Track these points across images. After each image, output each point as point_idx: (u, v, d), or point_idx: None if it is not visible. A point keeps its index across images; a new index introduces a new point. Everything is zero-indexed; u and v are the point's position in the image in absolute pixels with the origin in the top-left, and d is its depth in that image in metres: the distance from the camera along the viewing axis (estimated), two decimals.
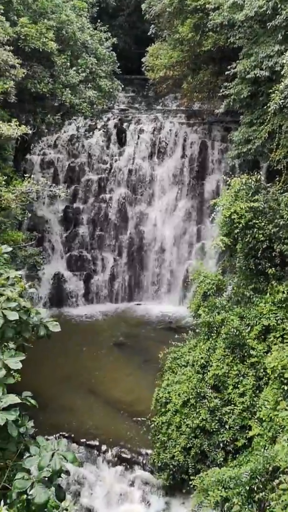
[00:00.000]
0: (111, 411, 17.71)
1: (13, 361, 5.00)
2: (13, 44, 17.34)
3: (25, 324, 5.55)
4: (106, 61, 21.57)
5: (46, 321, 5.79)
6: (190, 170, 26.19)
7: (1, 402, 4.59)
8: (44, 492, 4.35)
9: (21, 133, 12.66)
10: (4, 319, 5.25)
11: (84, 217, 26.96)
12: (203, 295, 16.31)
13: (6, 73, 15.56)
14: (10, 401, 4.62)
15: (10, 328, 5.34)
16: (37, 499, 4.33)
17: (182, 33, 19.38)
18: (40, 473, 4.47)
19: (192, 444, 13.84)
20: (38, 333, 5.69)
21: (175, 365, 15.83)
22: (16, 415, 4.64)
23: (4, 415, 4.48)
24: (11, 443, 4.82)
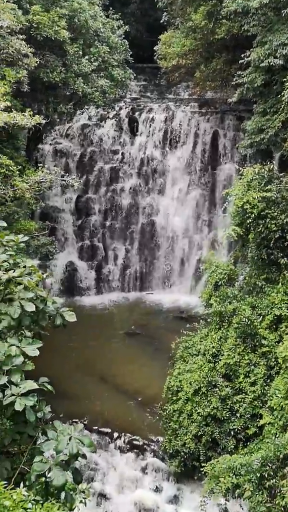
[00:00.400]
0: (123, 399, 17.93)
1: (31, 349, 5.12)
2: (25, 33, 17.32)
3: (42, 313, 5.66)
4: (118, 50, 21.44)
5: (62, 311, 5.89)
6: (202, 160, 26.03)
7: (20, 388, 4.71)
8: (62, 474, 4.49)
9: (35, 123, 12.69)
10: (22, 309, 5.36)
11: (96, 206, 27.00)
12: (215, 284, 16.34)
13: (19, 62, 15.57)
14: (29, 387, 4.74)
15: (27, 316, 5.45)
16: (55, 481, 4.47)
17: (195, 21, 19.15)
18: (57, 456, 4.61)
19: (203, 432, 14.00)
20: (55, 322, 5.80)
21: (187, 354, 15.96)
22: (34, 400, 4.77)
23: (22, 401, 4.61)
24: (28, 427, 4.95)
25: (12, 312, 5.32)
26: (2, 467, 4.82)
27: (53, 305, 5.85)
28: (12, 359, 4.94)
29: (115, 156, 27.17)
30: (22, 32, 16.94)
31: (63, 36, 18.22)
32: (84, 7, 19.43)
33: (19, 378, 4.87)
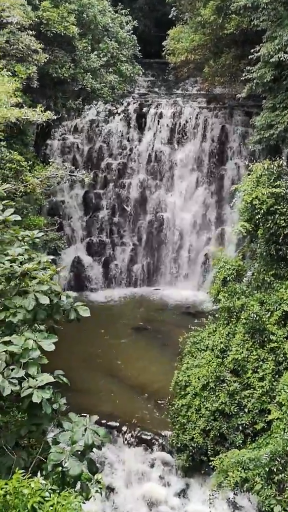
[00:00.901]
0: (131, 394, 18.03)
1: (47, 343, 5.20)
2: (34, 29, 17.37)
3: (56, 307, 5.73)
4: (127, 45, 21.42)
5: (76, 305, 5.96)
6: (210, 155, 25.98)
7: (37, 380, 4.80)
8: (78, 465, 4.57)
9: (46, 119, 12.75)
10: (36, 302, 5.43)
11: (104, 202, 27.07)
12: (223, 280, 16.35)
13: (29, 58, 15.62)
14: (46, 380, 4.82)
15: (42, 310, 5.52)
16: (71, 471, 4.55)
17: (204, 16, 19.06)
18: (73, 447, 4.69)
19: (211, 427, 14.07)
20: (69, 316, 5.87)
21: (195, 349, 16.01)
22: (50, 393, 4.85)
23: (40, 393, 4.69)
24: (44, 419, 5.04)
25: (27, 304, 5.40)
26: (19, 457, 4.92)
27: (67, 299, 5.92)
28: (28, 352, 5.03)
29: (123, 152, 27.20)
30: (31, 28, 16.99)
31: (72, 32, 18.24)
32: (93, 3, 19.43)
33: (35, 371, 4.96)
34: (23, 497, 4.03)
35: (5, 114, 10.99)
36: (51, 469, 4.64)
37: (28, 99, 17.60)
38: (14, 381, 4.78)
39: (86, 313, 5.90)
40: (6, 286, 5.68)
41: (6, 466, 4.85)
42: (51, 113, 12.97)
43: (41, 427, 5.09)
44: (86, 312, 5.91)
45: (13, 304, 5.50)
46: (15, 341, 5.12)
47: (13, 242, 6.16)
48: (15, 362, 5.01)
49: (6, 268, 5.64)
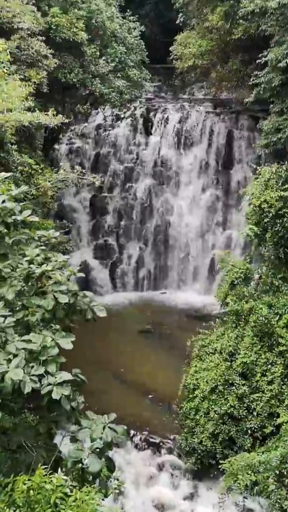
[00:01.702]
0: (138, 397, 18.04)
1: (65, 341, 5.26)
2: (44, 34, 17.55)
3: (73, 307, 5.80)
4: (134, 50, 21.61)
5: (93, 305, 6.03)
6: (217, 160, 26.06)
7: (56, 378, 4.86)
8: (97, 462, 4.62)
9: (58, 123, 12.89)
10: (56, 301, 5.50)
11: (110, 206, 27.20)
12: (231, 283, 16.39)
13: (39, 63, 15.79)
14: (65, 377, 4.88)
15: (61, 309, 5.59)
16: (91, 468, 4.60)
17: (212, 21, 19.22)
18: (92, 444, 4.74)
19: (220, 430, 14.05)
20: (86, 316, 5.93)
21: (203, 352, 16.01)
22: (70, 390, 4.90)
23: (59, 390, 4.75)
24: (63, 416, 5.09)
25: (46, 304, 5.47)
26: (38, 454, 4.97)
27: (84, 299, 5.98)
28: (47, 350, 5.09)
29: (130, 156, 27.33)
30: (41, 33, 17.18)
31: (81, 38, 18.43)
32: (102, 9, 19.63)
33: (54, 369, 5.02)
34: (46, 492, 4.08)
35: (18, 118, 11.13)
36: (70, 466, 4.69)
37: (38, 103, 17.76)
38: (35, 378, 4.85)
39: (102, 313, 5.97)
40: (24, 286, 5.76)
41: (26, 463, 4.91)
42: (63, 117, 13.10)
43: (60, 424, 5.14)
44: (103, 312, 5.98)
45: (32, 304, 5.58)
46: (34, 339, 5.19)
47: (30, 242, 6.25)
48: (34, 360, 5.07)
49: (24, 268, 5.72)
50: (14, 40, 15.22)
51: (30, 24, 15.55)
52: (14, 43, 14.95)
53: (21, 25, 15.27)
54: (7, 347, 4.92)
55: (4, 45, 11.83)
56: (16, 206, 6.16)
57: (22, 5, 16.27)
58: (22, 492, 4.12)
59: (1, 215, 5.95)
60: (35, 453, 4.93)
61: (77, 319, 5.99)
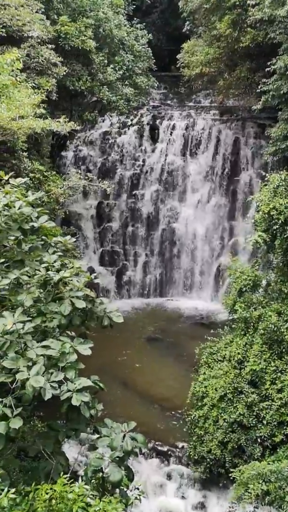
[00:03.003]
0: (145, 404, 17.91)
1: (83, 348, 5.22)
2: (53, 42, 17.67)
3: (90, 313, 5.76)
4: (142, 58, 21.73)
5: (109, 312, 5.99)
6: (223, 167, 26.09)
7: (75, 384, 4.81)
8: (118, 471, 4.56)
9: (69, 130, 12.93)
10: (73, 307, 5.47)
11: (117, 213, 27.23)
12: (239, 290, 16.30)
13: (48, 71, 15.88)
14: (84, 384, 4.83)
15: (77, 316, 5.56)
16: (111, 477, 4.54)
17: (219, 30, 19.31)
18: (113, 453, 4.68)
19: (229, 439, 13.90)
20: (102, 322, 5.89)
21: (211, 360, 15.90)
22: (90, 397, 4.85)
23: (79, 397, 4.70)
24: (81, 424, 5.04)
25: (63, 309, 5.43)
26: (57, 462, 4.90)
27: (100, 306, 5.94)
28: (66, 356, 5.04)
29: (136, 163, 27.41)
30: (50, 42, 17.30)
31: (89, 46, 18.54)
32: (109, 17, 19.77)
33: (73, 375, 4.96)
34: (69, 502, 4.02)
35: (31, 125, 11.17)
36: (90, 475, 4.63)
37: (46, 111, 17.84)
38: (55, 385, 4.80)
39: (119, 319, 5.94)
40: (41, 293, 5.72)
41: (45, 471, 4.84)
42: (75, 124, 13.15)
43: (78, 432, 5.08)
44: (119, 318, 5.95)
45: (49, 310, 5.54)
46: (52, 345, 5.15)
47: (47, 248, 6.22)
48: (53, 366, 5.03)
49: (42, 275, 5.69)
50: (24, 48, 15.32)
51: (40, 33, 15.67)
52: (24, 51, 15.05)
53: (31, 33, 15.38)
54: (27, 354, 4.88)
55: (17, 53, 11.89)
56: (33, 212, 6.15)
57: (32, 13, 16.41)
58: (44, 502, 4.06)
59: (18, 221, 5.94)
60: (54, 461, 4.86)
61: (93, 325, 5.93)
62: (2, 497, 3.96)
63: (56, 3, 18.72)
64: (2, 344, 4.92)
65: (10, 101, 10.81)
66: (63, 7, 18.94)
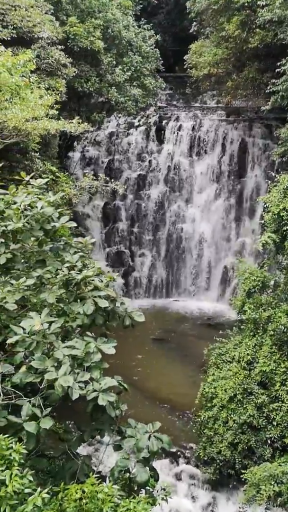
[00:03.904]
0: (153, 405, 17.90)
1: (107, 347, 5.23)
2: (62, 43, 17.69)
3: (112, 313, 5.77)
4: (149, 59, 21.74)
5: (131, 311, 5.99)
6: (230, 167, 26.09)
7: (100, 384, 4.81)
8: (144, 471, 4.56)
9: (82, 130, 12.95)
10: (96, 306, 5.48)
11: (123, 213, 27.27)
12: (248, 291, 16.27)
13: (58, 72, 15.89)
14: (109, 384, 4.83)
15: (100, 315, 5.56)
16: (138, 478, 4.55)
17: (228, 30, 19.32)
18: (139, 454, 4.68)
19: (239, 440, 13.87)
20: (124, 322, 5.90)
21: (220, 361, 15.86)
22: (115, 397, 4.86)
23: (105, 397, 4.70)
24: (106, 424, 5.04)
25: (86, 308, 5.44)
26: (83, 462, 4.91)
27: (122, 306, 5.95)
28: (91, 356, 5.05)
29: (143, 164, 27.44)
30: (59, 43, 17.32)
31: (98, 47, 18.55)
32: (118, 18, 19.79)
33: (98, 375, 4.97)
34: (98, 501, 4.02)
35: (46, 126, 11.19)
36: (117, 475, 4.63)
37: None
38: (81, 385, 4.80)
39: (140, 318, 5.95)
40: (64, 293, 5.73)
41: (71, 471, 4.84)
42: (88, 125, 13.17)
43: (103, 432, 5.08)
44: (141, 318, 5.95)
45: (71, 310, 5.54)
46: (77, 345, 5.15)
47: (68, 249, 6.23)
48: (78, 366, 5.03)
49: (64, 274, 5.70)
50: (34, 49, 15.34)
51: (50, 33, 15.68)
52: (34, 52, 15.06)
53: (41, 34, 15.41)
54: (54, 354, 4.89)
55: (30, 54, 11.91)
56: (54, 212, 6.16)
57: (41, 15, 16.43)
58: (75, 501, 4.06)
59: (40, 221, 5.95)
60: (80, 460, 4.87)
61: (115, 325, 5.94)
62: (36, 497, 3.98)
63: (65, 4, 18.75)
64: (29, 344, 4.94)
65: (23, 102, 10.84)
66: (72, 8, 18.95)
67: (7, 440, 4.26)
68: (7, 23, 14.92)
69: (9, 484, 3.91)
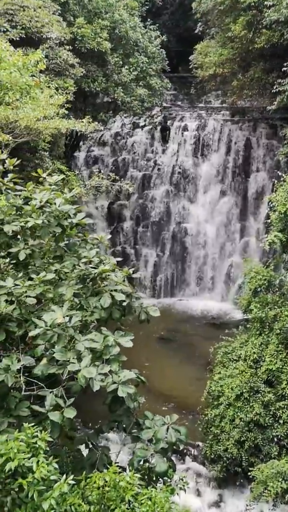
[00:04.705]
0: (159, 404, 17.95)
1: (125, 340, 5.32)
2: (69, 44, 17.81)
3: (128, 308, 5.86)
4: (155, 59, 21.85)
5: (146, 306, 6.09)
6: (234, 167, 26.18)
7: (119, 376, 4.91)
8: (163, 462, 4.65)
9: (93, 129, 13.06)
10: (112, 300, 5.57)
11: (128, 213, 27.38)
12: (254, 290, 16.34)
13: (66, 72, 16.00)
14: (128, 376, 4.92)
15: (117, 310, 5.66)
16: (157, 468, 4.64)
17: (234, 31, 19.42)
18: (157, 444, 4.77)
19: (246, 438, 13.93)
20: (140, 317, 5.99)
21: (226, 359, 15.94)
22: (134, 389, 4.95)
23: (124, 389, 4.80)
24: (124, 416, 5.14)
25: (103, 302, 5.53)
26: (102, 453, 5.00)
27: (137, 301, 6.04)
28: (109, 349, 5.14)
29: (147, 164, 27.55)
30: (67, 43, 17.43)
31: (105, 47, 18.67)
32: (125, 19, 19.90)
33: (117, 367, 5.06)
34: (120, 489, 4.11)
35: (57, 125, 11.30)
36: (136, 465, 4.72)
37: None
38: (102, 377, 4.90)
39: (156, 313, 6.04)
40: (81, 288, 5.82)
41: (90, 461, 4.94)
42: (98, 124, 13.28)
43: (121, 424, 5.18)
44: (156, 312, 6.05)
45: (88, 304, 5.64)
46: (96, 338, 5.25)
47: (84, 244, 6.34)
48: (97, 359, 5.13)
49: (82, 269, 5.79)
50: (43, 49, 15.45)
51: (58, 34, 15.80)
52: (43, 52, 15.16)
53: (49, 34, 15.52)
54: (76, 346, 4.98)
55: (41, 54, 12.02)
56: (71, 209, 6.26)
57: (49, 15, 16.55)
58: (98, 489, 4.16)
59: (58, 217, 6.05)
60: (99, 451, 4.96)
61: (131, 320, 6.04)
62: (62, 483, 4.08)
63: (72, 5, 18.87)
64: (51, 337, 5.04)
65: (33, 101, 10.95)
66: (79, 9, 19.08)
67: (32, 429, 4.38)
68: (16, 23, 15.05)
69: (37, 470, 4.03)
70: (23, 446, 4.15)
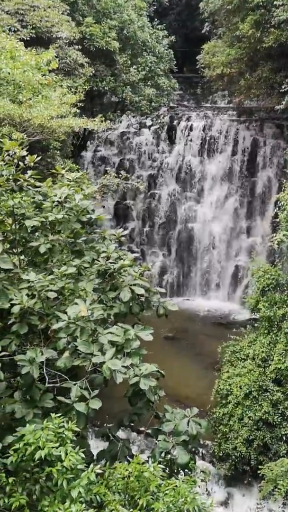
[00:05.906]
0: (167, 402, 17.93)
1: (145, 334, 5.37)
2: (78, 43, 17.89)
3: (147, 302, 5.91)
4: (163, 59, 21.92)
5: (164, 301, 6.14)
6: (241, 167, 26.18)
7: (141, 370, 4.96)
8: (185, 453, 4.69)
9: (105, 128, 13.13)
10: (132, 294, 5.62)
11: (134, 213, 27.43)
12: (262, 290, 16.36)
13: (75, 72, 16.08)
14: (149, 369, 4.98)
15: (136, 304, 5.71)
16: (179, 459, 4.69)
17: (242, 30, 19.44)
18: (178, 437, 4.82)
19: (254, 436, 13.95)
20: (158, 311, 6.04)
21: (235, 358, 15.97)
22: (155, 382, 5.00)
23: (146, 381, 4.85)
24: (144, 409, 5.19)
25: (123, 296, 5.59)
26: (123, 445, 5.06)
27: (155, 296, 6.10)
28: (130, 343, 5.20)
29: (154, 163, 27.60)
30: (76, 43, 17.52)
31: (113, 47, 18.74)
32: (133, 19, 19.98)
33: (138, 361, 5.12)
34: (145, 480, 4.16)
35: (71, 123, 11.38)
36: (158, 456, 4.78)
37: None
38: (124, 370, 4.95)
39: (173, 308, 6.10)
40: (100, 282, 5.88)
41: (111, 453, 5.00)
42: (110, 123, 13.35)
43: (141, 416, 5.23)
44: (174, 307, 6.10)
45: (108, 298, 5.70)
46: (116, 332, 5.31)
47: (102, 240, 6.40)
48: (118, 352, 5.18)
49: (101, 264, 5.86)
50: (53, 49, 15.52)
51: (68, 34, 15.89)
52: (53, 51, 15.25)
53: (59, 34, 15.60)
54: (99, 339, 5.04)
55: (53, 53, 12.11)
56: (90, 205, 6.32)
57: (59, 15, 16.63)
58: (123, 479, 4.22)
59: (77, 213, 6.11)
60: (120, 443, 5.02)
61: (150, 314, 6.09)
62: (89, 472, 4.14)
63: (81, 5, 18.96)
64: (73, 330, 5.10)
65: (46, 100, 11.03)
66: (88, 9, 19.17)
67: (59, 419, 4.44)
68: (27, 23, 15.15)
69: (66, 459, 4.09)
70: (51, 435, 4.23)
